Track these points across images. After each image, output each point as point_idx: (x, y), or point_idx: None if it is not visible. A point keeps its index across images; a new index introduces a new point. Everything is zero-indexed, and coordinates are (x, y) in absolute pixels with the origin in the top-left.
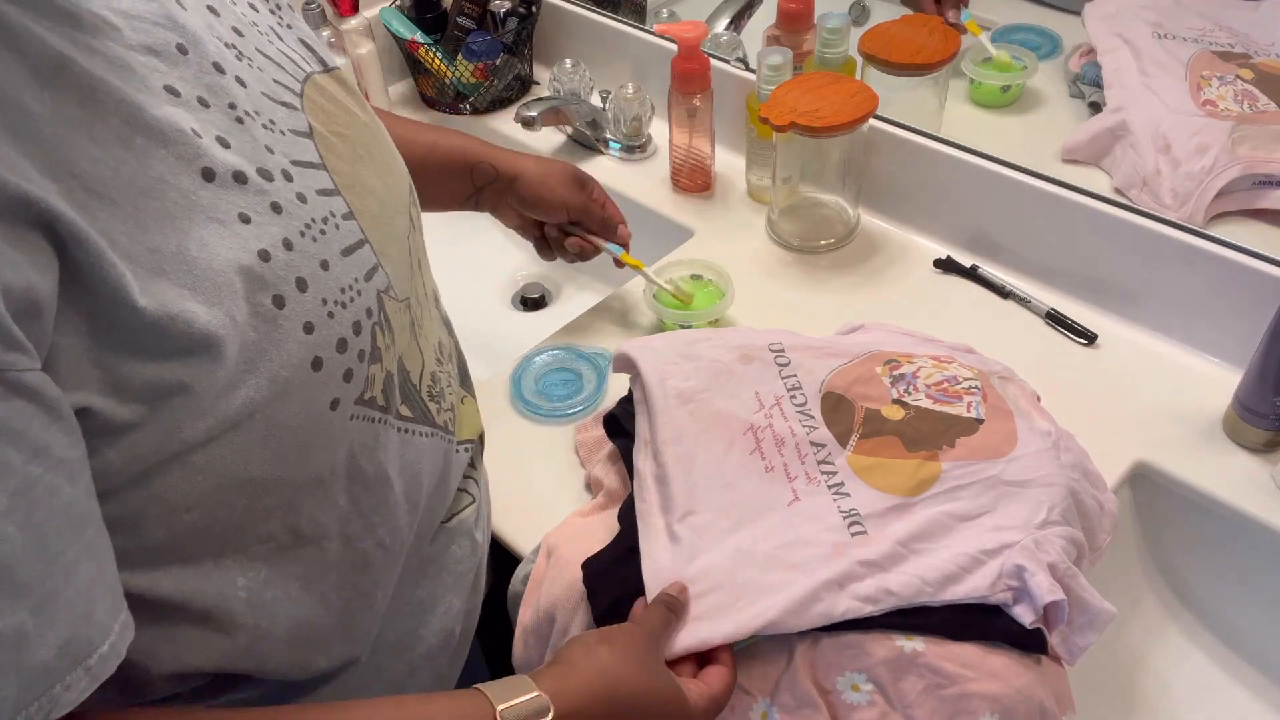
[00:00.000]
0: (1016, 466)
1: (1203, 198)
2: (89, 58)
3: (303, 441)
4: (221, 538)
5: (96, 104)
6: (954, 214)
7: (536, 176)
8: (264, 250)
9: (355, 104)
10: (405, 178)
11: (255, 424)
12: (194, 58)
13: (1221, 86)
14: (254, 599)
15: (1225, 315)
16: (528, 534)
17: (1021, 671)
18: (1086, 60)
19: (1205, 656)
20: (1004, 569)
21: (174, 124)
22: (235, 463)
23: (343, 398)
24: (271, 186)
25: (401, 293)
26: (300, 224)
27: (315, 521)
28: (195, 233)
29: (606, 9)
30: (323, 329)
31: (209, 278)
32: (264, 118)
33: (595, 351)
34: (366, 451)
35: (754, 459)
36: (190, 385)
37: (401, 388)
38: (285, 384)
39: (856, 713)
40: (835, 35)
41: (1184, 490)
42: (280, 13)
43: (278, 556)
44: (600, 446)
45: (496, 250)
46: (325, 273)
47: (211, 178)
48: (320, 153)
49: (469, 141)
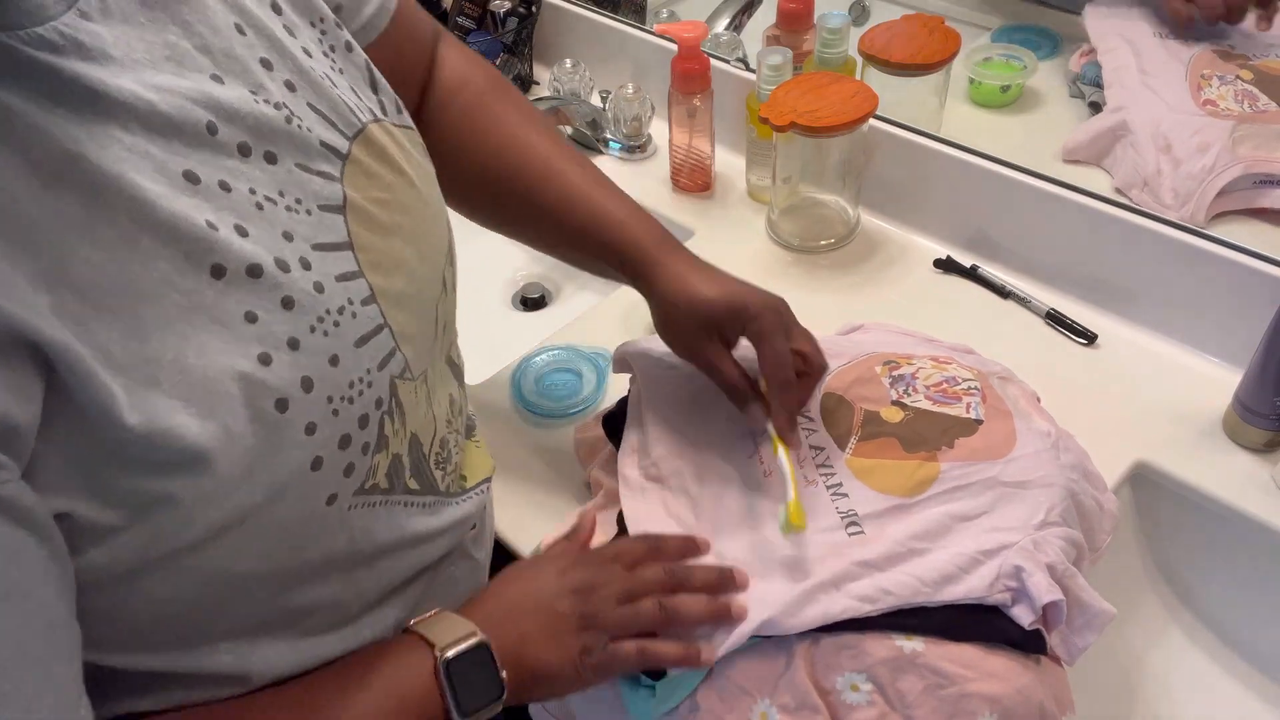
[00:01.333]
0: (1015, 467)
1: (1204, 197)
2: (103, 148)
3: (296, 537)
4: (207, 621)
5: (103, 203)
6: (954, 214)
7: (664, 310)
8: (266, 353)
9: (405, 159)
10: (445, 237)
11: (246, 527)
12: (223, 137)
13: (1222, 86)
14: (240, 660)
15: (1225, 315)
16: (528, 534)
17: (1021, 672)
18: (1086, 60)
19: (1205, 656)
20: (1002, 569)
21: (187, 218)
22: (224, 561)
23: (341, 492)
24: (287, 278)
25: (418, 369)
26: (312, 318)
27: (306, 598)
28: (195, 338)
29: (606, 9)
30: (325, 428)
31: (205, 387)
32: (289, 198)
33: (595, 351)
34: (366, 534)
35: (752, 464)
36: (177, 497)
37: (413, 464)
38: (282, 488)
39: (856, 713)
40: (835, 35)
41: (1184, 490)
42: (334, 55)
43: (265, 628)
44: (600, 446)
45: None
46: (334, 368)
47: (221, 274)
48: (350, 230)
49: (626, 225)
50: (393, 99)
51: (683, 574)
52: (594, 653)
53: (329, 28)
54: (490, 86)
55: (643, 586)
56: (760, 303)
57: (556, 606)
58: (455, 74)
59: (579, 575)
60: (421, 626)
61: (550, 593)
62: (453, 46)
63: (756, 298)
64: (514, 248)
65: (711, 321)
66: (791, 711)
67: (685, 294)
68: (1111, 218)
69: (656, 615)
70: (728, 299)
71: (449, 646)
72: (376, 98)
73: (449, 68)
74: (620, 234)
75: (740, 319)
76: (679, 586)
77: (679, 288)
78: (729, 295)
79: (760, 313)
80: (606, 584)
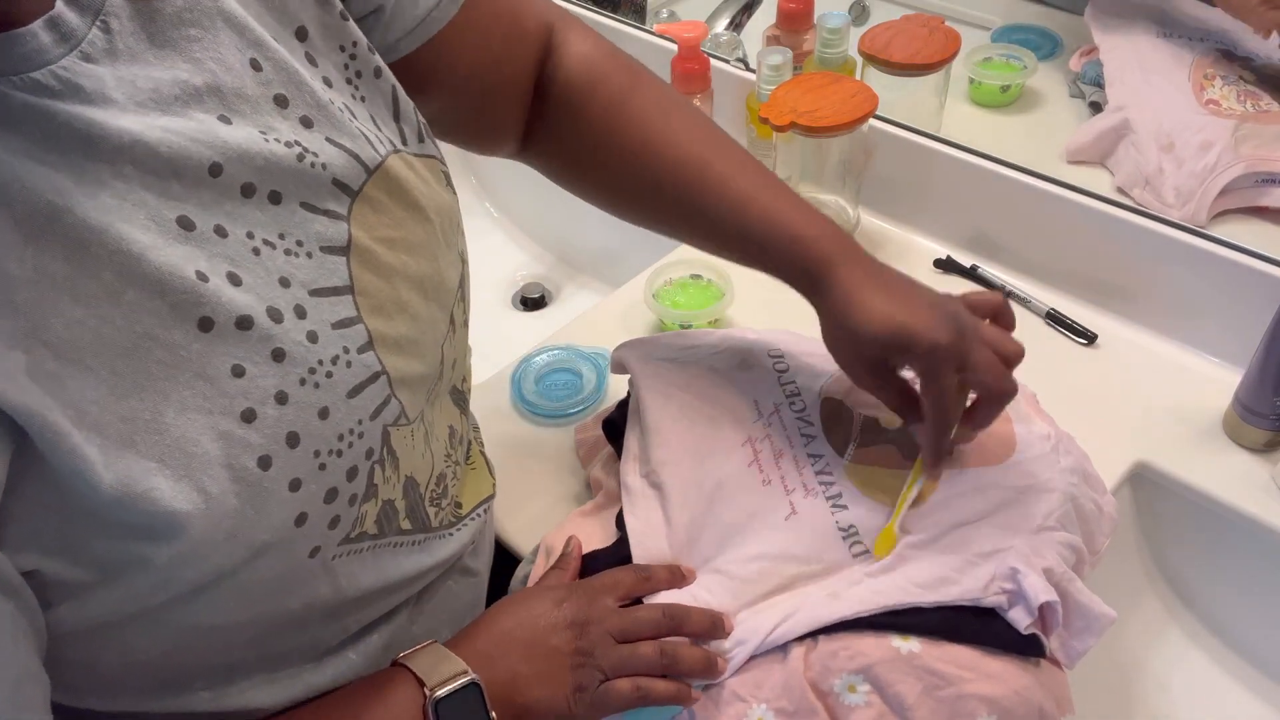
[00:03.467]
0: (1014, 472)
1: (1206, 196)
2: (91, 197)
3: (276, 590)
4: (184, 668)
5: (88, 257)
6: (954, 214)
7: (829, 330)
8: (250, 409)
9: (423, 192)
10: (458, 272)
11: (224, 584)
12: (226, 178)
13: (1225, 86)
14: (218, 698)
15: (1225, 315)
16: (528, 534)
17: (1020, 673)
18: (1087, 60)
19: (1205, 657)
20: (997, 571)
21: (176, 271)
22: (201, 616)
23: (324, 545)
24: (279, 329)
25: (414, 414)
26: (303, 370)
27: (288, 644)
28: (177, 395)
29: (606, 9)
30: (310, 483)
31: (182, 448)
32: (290, 240)
33: (595, 351)
34: (352, 580)
35: (751, 471)
36: (151, 559)
37: (409, 506)
38: (263, 546)
39: (854, 714)
40: (835, 35)
41: (1184, 490)
42: (359, 82)
43: (243, 670)
44: (600, 446)
45: (497, 250)
46: (323, 421)
47: (209, 327)
48: (352, 273)
49: (800, 233)
50: (415, 126)
51: (680, 617)
52: (588, 691)
53: (360, 52)
54: (629, 81)
55: (638, 627)
56: (929, 339)
57: (551, 641)
58: (587, 69)
59: (573, 609)
60: (412, 661)
61: (545, 626)
62: (580, 36)
63: (925, 331)
64: (514, 248)
65: (872, 350)
66: (789, 715)
67: (850, 315)
68: (1112, 218)
69: (656, 661)
70: (891, 331)
71: (439, 685)
72: (398, 126)
73: (579, 62)
74: (789, 244)
75: (902, 354)
76: (675, 630)
77: (844, 306)
78: (894, 327)
79: (927, 352)
80: (601, 620)
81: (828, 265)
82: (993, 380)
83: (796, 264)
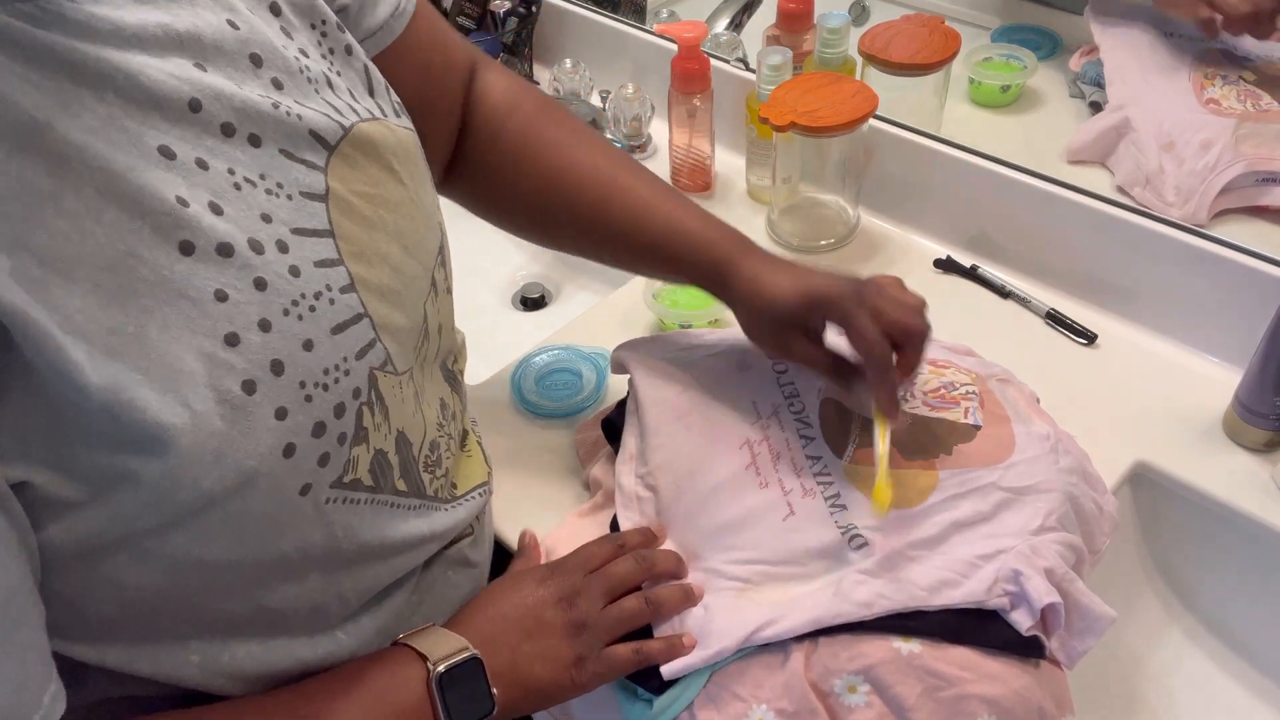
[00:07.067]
0: (1014, 473)
1: (1206, 194)
2: (73, 118)
3: (268, 527)
4: (175, 615)
5: (68, 171)
6: (954, 214)
7: (744, 314)
8: (234, 334)
9: (398, 159)
10: (436, 239)
11: (214, 512)
12: (205, 114)
13: (1225, 86)
14: (208, 662)
15: (1225, 315)
16: None
17: (1020, 674)
18: (1087, 59)
19: (1205, 657)
20: (1000, 573)
21: (156, 193)
22: (190, 548)
23: (315, 483)
24: (259, 259)
25: (402, 365)
26: (286, 300)
27: (283, 596)
28: (159, 312)
29: (606, 9)
30: (297, 414)
31: (166, 362)
32: (270, 181)
33: (595, 351)
34: (349, 533)
35: (749, 474)
36: (139, 475)
37: (401, 464)
38: (251, 473)
39: (854, 714)
40: (835, 35)
41: (1184, 490)
42: (333, 58)
43: (237, 629)
44: (600, 446)
45: (496, 250)
46: (307, 353)
47: (190, 251)
48: (331, 217)
49: (699, 237)
50: (392, 103)
51: (649, 559)
52: (589, 661)
53: (330, 30)
54: (540, 109)
55: (620, 581)
56: (836, 291)
57: (544, 616)
58: (504, 99)
59: (558, 583)
60: (413, 640)
61: (535, 603)
62: (498, 72)
63: (833, 287)
64: (514, 248)
65: (791, 319)
66: (789, 715)
67: (761, 295)
68: (1111, 218)
69: (644, 609)
70: (802, 294)
71: (441, 660)
72: (374, 101)
73: (497, 93)
74: (693, 247)
75: (819, 311)
76: (649, 573)
77: (754, 289)
78: (803, 290)
79: (837, 301)
80: (587, 587)
81: (730, 262)
82: (904, 315)
83: (703, 265)
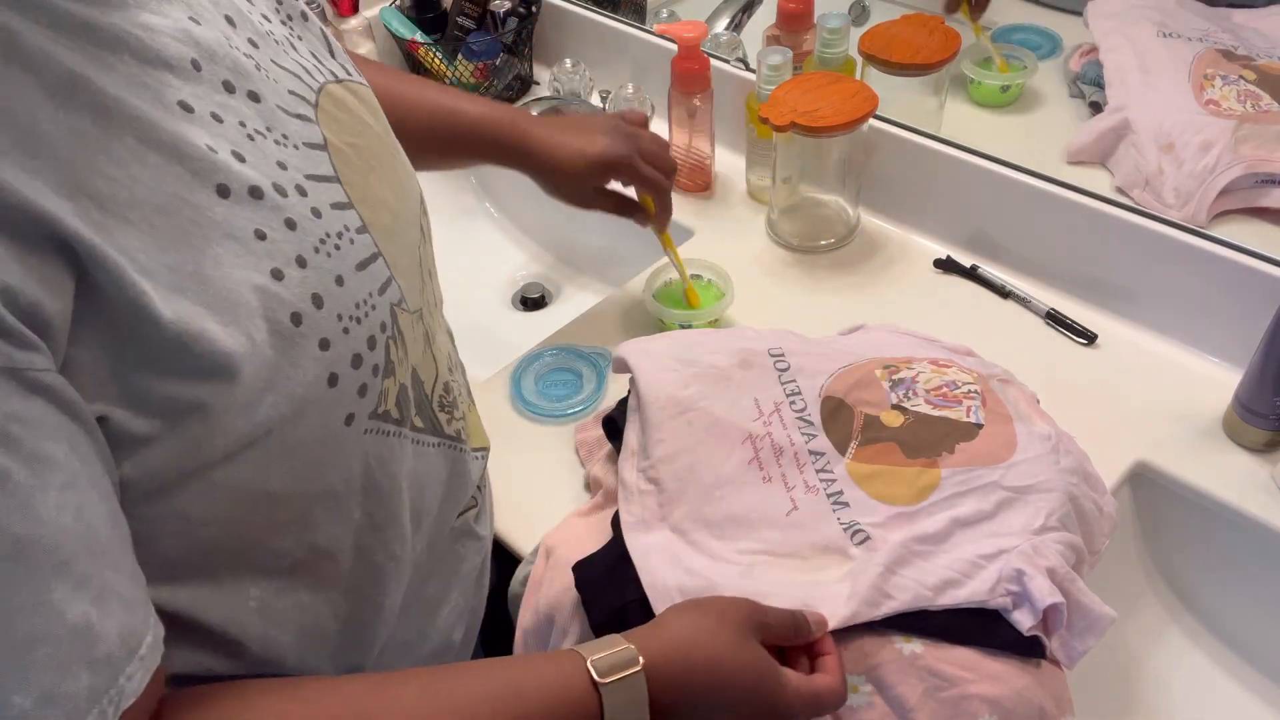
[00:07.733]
0: (1015, 472)
1: (1205, 196)
2: (104, 73)
3: (318, 456)
4: (237, 552)
5: (110, 122)
6: (954, 214)
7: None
8: (277, 269)
9: (368, 113)
10: (416, 188)
11: (272, 441)
12: (207, 74)
13: (1225, 86)
14: (265, 609)
15: (1225, 315)
16: (528, 534)
17: (1021, 674)
18: (1087, 60)
19: (1205, 657)
20: (1003, 573)
21: (188, 140)
22: (252, 479)
23: (357, 413)
24: (286, 202)
25: (413, 305)
26: (315, 239)
27: (330, 535)
28: (211, 250)
29: (606, 9)
30: (338, 345)
31: (225, 296)
32: (276, 133)
33: (595, 351)
34: (381, 464)
35: (752, 469)
36: (208, 404)
37: (416, 400)
38: (302, 401)
39: (856, 714)
40: (835, 35)
41: (1184, 490)
42: (292, 24)
43: (292, 570)
44: (600, 446)
45: (496, 250)
46: (340, 288)
47: (226, 194)
48: (335, 166)
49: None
50: (347, 63)
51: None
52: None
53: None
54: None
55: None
56: (618, 154)
57: None
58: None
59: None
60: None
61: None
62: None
63: (612, 150)
64: (514, 247)
65: (588, 182)
66: None
67: (560, 168)
68: (1111, 218)
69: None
70: (592, 161)
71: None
72: (337, 62)
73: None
74: (483, 128)
75: (610, 172)
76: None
77: (550, 159)
78: (593, 158)
79: (622, 162)
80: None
81: (523, 137)
82: (661, 150)
83: (503, 145)
